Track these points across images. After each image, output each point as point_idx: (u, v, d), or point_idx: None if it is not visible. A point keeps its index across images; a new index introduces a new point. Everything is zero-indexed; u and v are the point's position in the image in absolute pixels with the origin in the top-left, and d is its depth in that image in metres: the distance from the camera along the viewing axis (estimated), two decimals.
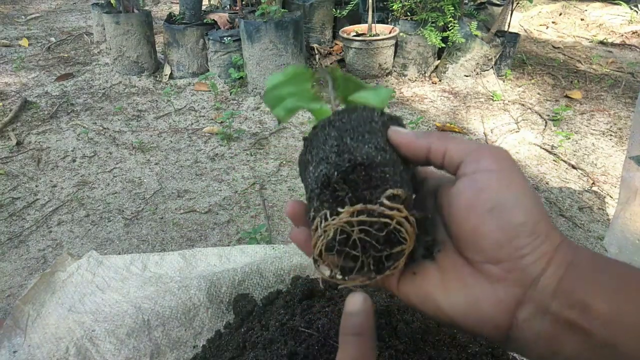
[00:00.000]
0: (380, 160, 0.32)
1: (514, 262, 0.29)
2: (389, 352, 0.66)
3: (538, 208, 0.30)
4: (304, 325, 0.70)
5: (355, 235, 0.30)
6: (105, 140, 2.57)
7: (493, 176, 0.30)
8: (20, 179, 2.23)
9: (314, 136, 0.37)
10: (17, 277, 1.66)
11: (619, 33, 4.33)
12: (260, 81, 3.00)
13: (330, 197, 0.31)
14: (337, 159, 0.32)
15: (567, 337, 0.27)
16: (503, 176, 0.30)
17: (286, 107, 0.42)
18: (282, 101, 0.42)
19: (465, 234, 0.31)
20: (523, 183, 0.31)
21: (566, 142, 2.53)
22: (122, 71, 3.31)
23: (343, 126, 0.35)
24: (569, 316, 0.27)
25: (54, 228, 1.91)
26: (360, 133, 0.34)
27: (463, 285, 0.31)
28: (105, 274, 0.96)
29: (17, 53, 3.79)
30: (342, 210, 0.30)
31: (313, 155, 0.35)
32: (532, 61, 3.66)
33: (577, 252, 0.29)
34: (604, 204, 2.06)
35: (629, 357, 0.26)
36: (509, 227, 0.29)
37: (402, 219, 0.30)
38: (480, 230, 0.30)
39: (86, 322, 0.82)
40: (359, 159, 0.31)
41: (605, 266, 0.28)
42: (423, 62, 3.27)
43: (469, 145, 0.32)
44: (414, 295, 0.34)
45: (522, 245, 0.29)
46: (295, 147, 2.50)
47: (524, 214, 0.29)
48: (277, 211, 2.01)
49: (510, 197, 0.29)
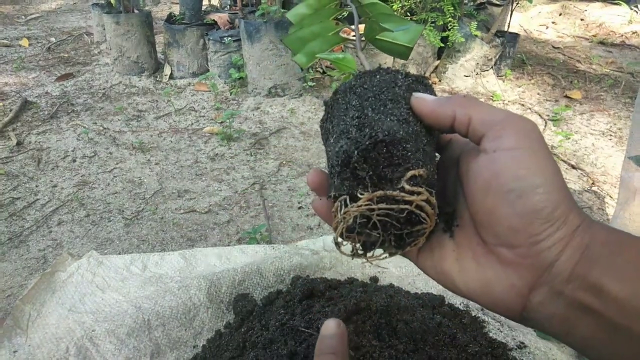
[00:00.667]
0: (402, 135, 0.30)
1: (529, 248, 0.28)
2: (389, 352, 0.66)
3: (558, 191, 0.28)
4: (304, 325, 0.70)
5: (375, 218, 0.30)
6: (105, 140, 2.57)
7: (513, 156, 0.29)
8: (20, 179, 2.23)
9: (334, 102, 0.36)
10: (17, 277, 1.66)
11: (619, 33, 4.33)
12: (260, 81, 3.00)
13: (351, 175, 0.31)
14: (358, 134, 0.31)
15: (581, 319, 0.27)
16: (524, 156, 0.29)
17: (309, 51, 0.40)
18: (304, 44, 0.40)
19: (481, 216, 0.31)
20: (545, 163, 0.29)
21: (566, 142, 2.53)
22: (122, 71, 3.31)
23: (364, 93, 0.34)
24: (583, 299, 0.27)
25: (54, 228, 1.91)
26: (382, 102, 0.33)
27: (477, 266, 0.31)
28: (105, 273, 0.96)
29: (17, 53, 3.79)
30: (362, 196, 0.30)
31: (334, 125, 0.34)
32: (532, 61, 3.66)
33: (594, 235, 0.28)
34: (604, 204, 2.06)
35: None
36: (525, 214, 0.28)
37: (423, 202, 0.30)
38: (496, 214, 0.29)
39: (86, 322, 0.82)
40: (380, 135, 0.30)
41: (622, 248, 0.27)
42: (423, 62, 3.27)
43: (493, 117, 0.31)
44: (432, 270, 0.34)
45: (537, 232, 0.28)
46: (295, 147, 2.50)
47: (542, 200, 0.28)
48: (277, 211, 2.01)
49: (528, 180, 0.28)
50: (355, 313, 0.74)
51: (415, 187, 0.30)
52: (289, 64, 2.97)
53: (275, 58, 2.93)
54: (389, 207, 0.30)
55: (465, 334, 0.74)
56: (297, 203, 2.05)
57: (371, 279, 0.95)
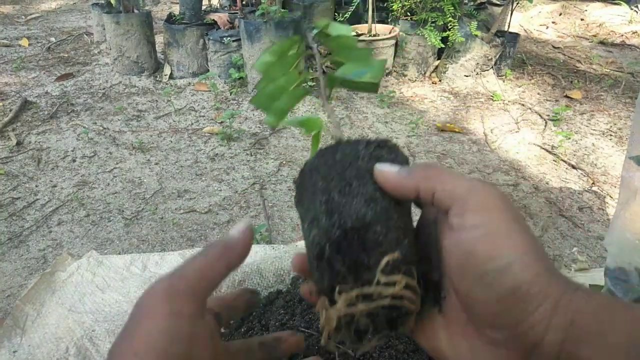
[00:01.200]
0: (371, 217, 0.30)
1: (513, 329, 0.27)
2: (389, 352, 0.66)
3: (534, 262, 0.27)
4: (304, 325, 0.70)
5: (358, 316, 0.30)
6: (105, 140, 2.57)
7: (478, 235, 0.28)
8: (20, 179, 2.23)
9: (301, 182, 0.36)
10: (17, 277, 1.66)
11: (619, 33, 4.33)
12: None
13: (327, 267, 0.31)
14: (327, 222, 0.31)
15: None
16: (491, 234, 0.28)
17: (277, 110, 0.39)
18: (272, 102, 0.40)
19: (461, 296, 0.30)
20: (516, 235, 0.28)
21: (566, 142, 2.53)
22: (122, 71, 3.31)
23: (329, 173, 0.33)
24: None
25: (54, 228, 1.91)
26: (347, 181, 0.32)
27: (469, 346, 0.30)
28: (105, 273, 0.96)
29: (17, 53, 3.79)
30: (339, 297, 0.30)
31: (305, 210, 0.34)
32: (532, 61, 3.66)
33: (579, 306, 0.26)
34: (604, 204, 2.06)
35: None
36: (503, 296, 0.27)
37: (403, 290, 0.30)
38: (474, 297, 0.28)
39: (86, 322, 0.82)
40: (349, 222, 0.30)
41: (610, 322, 0.26)
42: (423, 62, 3.27)
43: (456, 189, 0.30)
44: (428, 347, 0.33)
45: (516, 313, 0.27)
46: (295, 147, 2.50)
47: (518, 279, 0.26)
48: (277, 211, 2.01)
49: (501, 260, 0.27)
50: None
51: (391, 275, 0.29)
52: None
53: None
54: (368, 306, 0.29)
55: None
56: None
57: None
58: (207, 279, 0.32)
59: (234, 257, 0.33)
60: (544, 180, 2.24)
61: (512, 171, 2.31)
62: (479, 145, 2.55)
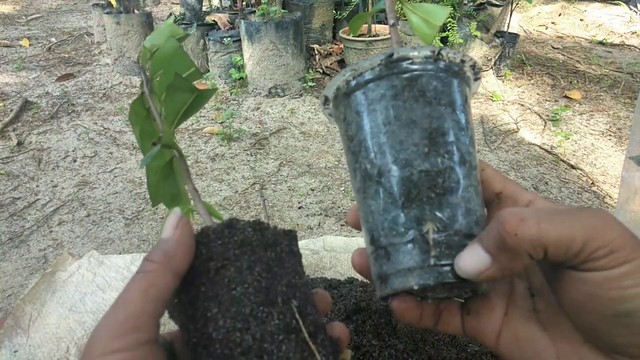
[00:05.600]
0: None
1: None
2: (389, 351, 0.66)
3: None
4: None
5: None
6: (105, 141, 2.58)
7: (615, 274, 0.25)
8: (21, 179, 2.24)
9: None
10: (17, 276, 1.67)
11: (618, 33, 4.33)
12: (260, 81, 3.00)
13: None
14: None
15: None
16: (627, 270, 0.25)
17: (168, 198, 0.35)
18: (161, 191, 0.35)
19: (584, 329, 0.28)
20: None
21: (565, 142, 2.53)
22: (123, 71, 3.32)
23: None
24: None
25: (54, 228, 1.91)
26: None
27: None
28: (106, 273, 0.96)
29: (17, 53, 3.80)
30: None
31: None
32: (531, 61, 3.66)
33: None
34: (604, 204, 2.06)
35: None
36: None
37: None
38: (603, 332, 0.26)
39: (87, 321, 0.83)
40: None
41: None
42: None
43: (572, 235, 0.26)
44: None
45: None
46: (295, 147, 2.50)
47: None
48: (277, 211, 2.01)
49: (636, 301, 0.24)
50: (355, 313, 0.75)
51: None
52: (289, 64, 2.97)
53: (276, 58, 2.93)
54: None
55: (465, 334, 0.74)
56: (297, 203, 2.05)
57: None
58: (154, 298, 0.27)
59: (177, 263, 0.29)
60: (544, 180, 2.24)
61: (512, 171, 2.31)
62: (478, 145, 2.55)
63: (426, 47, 0.31)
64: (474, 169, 0.31)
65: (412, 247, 0.29)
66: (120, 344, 0.25)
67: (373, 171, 0.30)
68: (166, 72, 0.33)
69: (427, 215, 0.29)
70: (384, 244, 0.30)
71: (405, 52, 0.31)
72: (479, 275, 0.27)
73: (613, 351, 0.26)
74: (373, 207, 0.30)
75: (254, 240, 0.30)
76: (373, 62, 0.31)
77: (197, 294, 0.29)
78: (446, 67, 0.31)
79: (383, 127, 0.30)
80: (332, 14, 3.50)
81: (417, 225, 0.29)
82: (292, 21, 2.91)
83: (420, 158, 0.29)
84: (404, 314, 0.31)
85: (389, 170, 0.30)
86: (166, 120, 0.33)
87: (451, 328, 0.33)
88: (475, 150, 0.32)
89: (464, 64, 0.32)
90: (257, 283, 0.28)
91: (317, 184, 2.17)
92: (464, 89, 0.32)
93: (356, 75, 0.32)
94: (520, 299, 0.32)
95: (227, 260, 0.29)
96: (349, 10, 3.25)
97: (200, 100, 0.33)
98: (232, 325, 0.27)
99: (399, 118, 0.30)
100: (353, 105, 0.32)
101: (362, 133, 0.31)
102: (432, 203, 0.29)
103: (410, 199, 0.29)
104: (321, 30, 3.60)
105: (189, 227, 0.31)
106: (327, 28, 3.62)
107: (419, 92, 0.30)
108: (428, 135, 0.30)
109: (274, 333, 0.27)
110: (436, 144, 0.30)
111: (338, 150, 2.46)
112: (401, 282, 0.29)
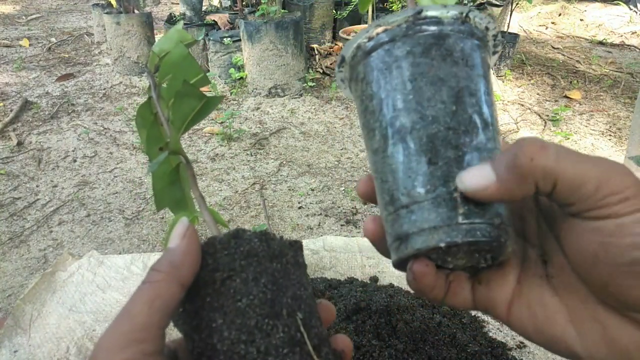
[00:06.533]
0: None
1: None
2: (389, 351, 0.66)
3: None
4: None
5: None
6: (105, 141, 2.58)
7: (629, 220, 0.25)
8: (21, 179, 2.24)
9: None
10: (17, 276, 1.67)
11: (618, 33, 4.33)
12: (260, 81, 3.00)
13: None
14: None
15: None
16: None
17: (174, 204, 0.35)
18: (169, 195, 0.35)
19: (594, 286, 0.27)
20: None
21: (565, 142, 2.53)
22: (123, 71, 3.32)
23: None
24: None
25: (54, 228, 1.91)
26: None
27: (603, 330, 0.27)
28: (106, 273, 0.97)
29: (17, 53, 3.80)
30: None
31: None
32: (531, 61, 3.66)
33: None
34: None
35: None
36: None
37: None
38: (616, 285, 0.26)
39: (87, 321, 0.83)
40: None
41: None
42: None
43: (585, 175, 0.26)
44: (536, 334, 0.31)
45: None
46: (295, 147, 2.50)
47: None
48: (277, 211, 2.01)
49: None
50: (355, 313, 0.75)
51: None
52: (289, 64, 2.97)
53: (276, 58, 2.93)
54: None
55: (465, 334, 0.74)
56: (297, 203, 2.05)
57: (371, 278, 0.95)
58: (159, 310, 0.27)
59: (184, 274, 0.29)
60: None
61: None
62: None
63: (455, 6, 0.31)
64: (497, 134, 0.32)
65: (439, 205, 0.28)
66: (125, 355, 0.25)
67: (396, 128, 0.30)
68: (174, 78, 0.34)
69: (454, 172, 0.28)
70: (405, 203, 0.29)
71: (434, 11, 0.30)
72: (480, 190, 0.27)
73: (627, 308, 0.26)
74: (394, 166, 0.30)
75: (260, 251, 0.30)
76: (399, 18, 0.31)
77: (203, 305, 0.29)
78: (471, 30, 0.32)
79: (409, 84, 0.30)
80: (332, 14, 3.50)
81: (445, 182, 0.28)
82: (292, 21, 2.91)
83: (448, 116, 0.29)
84: (422, 279, 0.31)
85: (415, 127, 0.29)
86: (174, 126, 0.33)
87: (460, 300, 0.33)
88: (497, 116, 0.32)
89: (487, 31, 0.32)
90: (263, 295, 0.28)
91: (317, 184, 2.17)
92: (485, 57, 0.33)
93: (380, 32, 0.31)
94: (533, 266, 0.32)
95: (233, 271, 0.29)
96: (349, 10, 3.25)
97: (208, 107, 0.34)
98: (237, 337, 0.27)
99: (426, 75, 0.30)
100: (375, 63, 0.32)
101: (386, 90, 0.31)
102: (460, 161, 0.29)
103: (437, 155, 0.29)
104: (321, 30, 3.61)
105: (196, 237, 0.30)
106: (327, 28, 3.62)
107: (447, 52, 0.30)
108: (455, 94, 0.29)
109: (278, 346, 0.27)
110: (464, 103, 0.29)
111: (338, 150, 2.46)
112: (425, 241, 0.28)
